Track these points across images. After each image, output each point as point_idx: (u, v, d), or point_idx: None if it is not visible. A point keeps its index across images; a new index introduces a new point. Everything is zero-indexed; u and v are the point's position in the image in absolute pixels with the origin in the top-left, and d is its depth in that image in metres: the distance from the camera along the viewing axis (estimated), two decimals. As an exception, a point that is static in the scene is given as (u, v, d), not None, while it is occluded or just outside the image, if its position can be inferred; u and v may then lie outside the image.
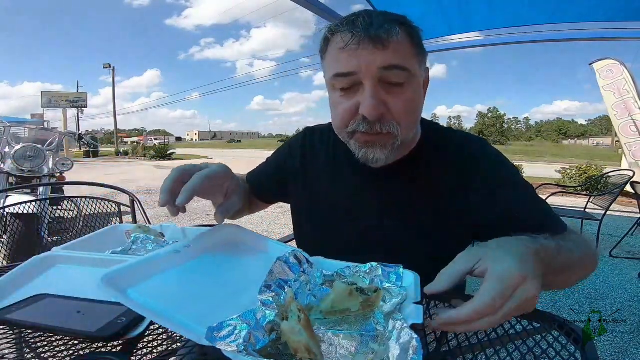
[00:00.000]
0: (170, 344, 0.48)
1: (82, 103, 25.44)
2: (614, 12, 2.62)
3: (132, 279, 0.45)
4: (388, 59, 0.58)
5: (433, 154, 0.71)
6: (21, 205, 1.57)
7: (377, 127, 0.61)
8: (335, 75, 0.62)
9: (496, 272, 0.41)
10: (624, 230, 3.54)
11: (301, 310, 0.39)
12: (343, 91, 0.63)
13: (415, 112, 0.65)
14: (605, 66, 7.22)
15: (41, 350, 0.45)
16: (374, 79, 0.59)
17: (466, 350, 0.48)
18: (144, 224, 0.82)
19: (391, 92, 0.61)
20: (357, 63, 0.59)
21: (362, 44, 0.58)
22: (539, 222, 0.62)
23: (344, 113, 0.63)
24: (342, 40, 0.60)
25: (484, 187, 0.67)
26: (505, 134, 79.77)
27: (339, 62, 0.61)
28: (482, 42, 3.78)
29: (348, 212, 0.75)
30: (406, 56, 0.60)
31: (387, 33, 0.58)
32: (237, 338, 0.37)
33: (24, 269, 0.61)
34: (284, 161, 0.87)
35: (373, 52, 0.58)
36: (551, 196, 3.46)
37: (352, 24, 0.59)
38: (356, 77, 0.60)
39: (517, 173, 0.70)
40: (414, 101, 0.64)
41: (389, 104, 0.61)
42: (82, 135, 3.85)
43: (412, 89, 0.62)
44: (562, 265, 0.53)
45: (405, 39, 0.60)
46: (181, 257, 0.53)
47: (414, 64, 0.62)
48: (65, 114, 23.88)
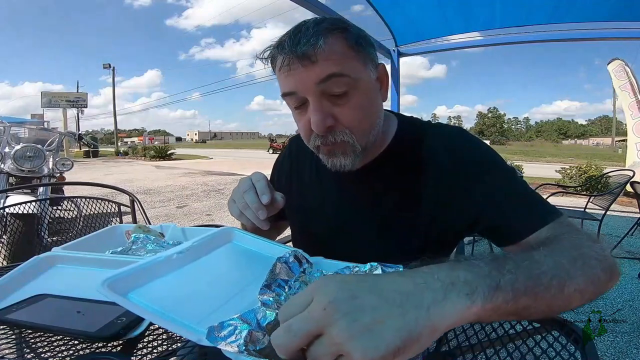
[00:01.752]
0: (170, 344, 0.48)
1: (82, 103, 25.45)
2: (615, 12, 2.62)
3: (133, 283, 0.45)
4: (321, 72, 0.58)
5: (409, 148, 0.69)
6: (21, 206, 1.57)
7: (329, 138, 0.62)
8: (282, 95, 0.64)
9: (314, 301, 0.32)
10: (624, 230, 3.54)
11: None
12: (297, 109, 0.64)
13: (368, 117, 0.64)
14: (618, 66, 7.27)
15: (41, 350, 0.45)
16: (315, 94, 0.59)
17: (466, 350, 0.48)
18: (144, 224, 0.82)
19: (336, 102, 0.60)
20: (293, 81, 0.60)
21: (292, 65, 0.58)
22: (521, 213, 0.59)
23: (303, 130, 0.65)
24: (279, 62, 0.61)
25: (464, 179, 0.64)
26: (505, 134, 79.80)
27: (281, 83, 0.63)
28: (482, 42, 3.78)
29: (336, 218, 0.75)
30: (341, 62, 0.59)
31: (312, 47, 0.57)
32: (237, 338, 0.37)
33: (24, 269, 0.61)
34: (277, 178, 0.90)
35: (304, 70, 0.58)
36: (551, 196, 3.46)
37: (281, 46, 0.60)
38: (299, 95, 0.61)
39: (498, 160, 0.66)
40: (363, 106, 0.62)
41: (337, 115, 0.61)
42: (82, 135, 3.85)
43: (358, 94, 0.61)
44: (534, 292, 0.37)
45: (337, 44, 0.59)
46: (181, 259, 0.53)
47: (355, 67, 0.60)
48: (65, 114, 23.90)
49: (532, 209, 0.59)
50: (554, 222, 0.56)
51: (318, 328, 0.30)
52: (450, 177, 0.64)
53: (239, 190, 0.68)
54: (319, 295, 0.32)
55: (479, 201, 0.62)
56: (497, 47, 9.45)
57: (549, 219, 0.56)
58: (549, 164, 16.96)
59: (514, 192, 0.62)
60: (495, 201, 0.61)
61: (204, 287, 0.51)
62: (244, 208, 0.66)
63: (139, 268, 0.48)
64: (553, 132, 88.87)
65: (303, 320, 0.31)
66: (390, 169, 0.70)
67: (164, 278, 0.49)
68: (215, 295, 0.48)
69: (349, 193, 0.74)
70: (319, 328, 0.30)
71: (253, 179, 0.68)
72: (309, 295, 0.33)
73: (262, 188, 0.65)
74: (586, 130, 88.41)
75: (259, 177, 0.68)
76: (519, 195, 0.62)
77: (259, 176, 0.68)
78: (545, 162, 19.31)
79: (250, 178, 0.68)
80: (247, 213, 0.65)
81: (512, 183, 0.63)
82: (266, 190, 0.65)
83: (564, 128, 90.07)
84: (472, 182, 0.63)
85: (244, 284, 0.51)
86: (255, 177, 0.68)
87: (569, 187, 5.61)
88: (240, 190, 0.68)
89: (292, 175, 0.85)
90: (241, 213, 0.66)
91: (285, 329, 0.32)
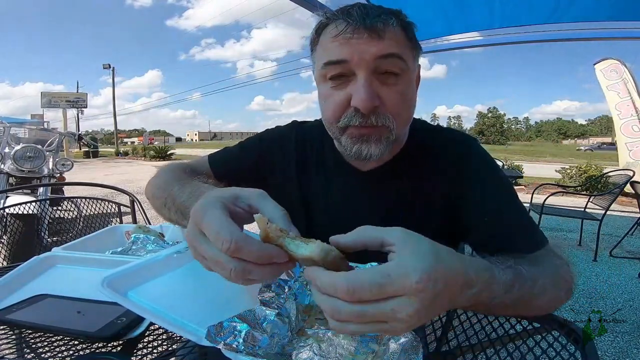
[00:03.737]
0: (170, 344, 0.48)
1: (81, 103, 25.44)
2: (615, 12, 2.62)
3: (132, 282, 0.45)
4: (384, 48, 0.57)
5: (421, 153, 0.69)
6: (21, 206, 1.57)
7: (371, 119, 0.58)
8: (326, 63, 0.59)
9: (398, 261, 0.32)
10: (624, 229, 3.54)
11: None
12: (334, 82, 0.60)
13: (409, 107, 0.63)
14: (609, 66, 7.26)
15: (41, 351, 0.45)
16: (368, 68, 0.57)
17: (466, 350, 0.48)
18: (144, 225, 0.82)
19: (385, 83, 0.58)
20: (350, 51, 0.57)
21: (357, 33, 0.56)
22: (515, 232, 0.60)
23: (335, 106, 0.60)
24: (336, 28, 0.58)
25: (470, 189, 0.65)
26: (505, 133, 79.80)
27: (331, 50, 0.59)
28: (482, 42, 3.78)
29: (340, 217, 0.72)
30: (402, 46, 0.59)
31: (383, 23, 0.56)
32: (237, 338, 0.37)
33: (24, 270, 0.61)
34: (269, 152, 0.77)
35: (368, 41, 0.56)
36: (551, 196, 3.46)
37: (347, 13, 0.58)
38: (348, 66, 0.57)
39: (503, 178, 0.68)
40: (408, 95, 0.61)
41: (383, 97, 0.58)
42: (82, 135, 3.85)
43: (406, 82, 0.61)
44: (512, 301, 0.43)
45: (401, 31, 0.60)
46: (181, 259, 0.53)
47: (409, 56, 0.61)
48: (65, 115, 23.88)
49: (535, 229, 0.62)
50: (545, 247, 0.60)
51: (395, 292, 0.31)
52: (461, 183, 0.65)
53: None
54: (421, 262, 0.32)
55: (486, 211, 0.63)
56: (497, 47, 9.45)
57: (538, 246, 0.59)
58: (549, 163, 16.96)
59: (519, 209, 0.64)
60: (502, 215, 0.62)
61: (204, 286, 0.51)
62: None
63: (139, 266, 0.48)
64: (553, 132, 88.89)
65: (395, 278, 0.31)
66: (402, 172, 0.69)
67: (164, 277, 0.49)
68: (215, 295, 0.48)
69: (356, 192, 0.72)
70: (396, 292, 0.31)
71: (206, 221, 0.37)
72: (408, 249, 0.33)
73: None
74: (586, 130, 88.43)
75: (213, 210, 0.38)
76: (517, 217, 0.63)
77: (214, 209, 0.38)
78: (545, 162, 19.30)
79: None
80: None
81: (515, 197, 0.65)
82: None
83: (563, 128, 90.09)
84: (480, 189, 0.64)
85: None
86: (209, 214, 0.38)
87: (569, 187, 5.60)
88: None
89: (296, 162, 0.76)
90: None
91: (378, 274, 0.31)
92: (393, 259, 0.33)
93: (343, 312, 0.31)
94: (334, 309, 0.31)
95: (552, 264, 0.54)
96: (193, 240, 0.38)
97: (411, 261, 0.32)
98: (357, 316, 0.31)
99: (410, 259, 0.32)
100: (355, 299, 0.30)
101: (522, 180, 7.73)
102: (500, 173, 0.68)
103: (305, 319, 0.46)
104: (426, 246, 0.34)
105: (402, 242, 0.34)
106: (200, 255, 0.38)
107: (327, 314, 0.32)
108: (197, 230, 0.38)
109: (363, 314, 0.31)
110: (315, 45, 0.64)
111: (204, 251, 0.37)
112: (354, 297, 0.30)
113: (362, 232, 0.36)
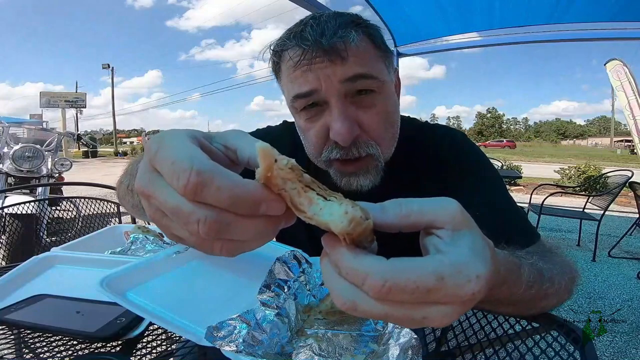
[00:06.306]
0: (169, 344, 0.48)
1: (80, 103, 25.43)
2: (614, 12, 2.62)
3: (131, 281, 0.45)
4: (349, 70, 0.50)
5: (411, 152, 0.66)
6: (20, 206, 1.57)
7: (353, 152, 0.54)
8: (295, 97, 0.54)
9: (454, 260, 0.23)
10: (622, 230, 3.54)
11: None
12: (307, 113, 0.55)
13: (392, 125, 0.58)
14: (615, 67, 7.31)
15: (40, 351, 0.45)
16: (339, 94, 0.51)
17: (466, 350, 0.48)
18: (143, 225, 0.82)
19: (362, 106, 0.53)
20: (315, 78, 0.51)
21: (316, 57, 0.50)
22: (510, 227, 0.57)
23: (315, 140, 0.56)
24: (292, 57, 0.52)
25: (462, 185, 0.62)
26: (504, 134, 79.92)
27: (296, 81, 0.53)
28: (481, 42, 3.79)
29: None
30: (370, 62, 0.53)
31: (343, 40, 0.50)
32: (236, 338, 0.37)
33: (23, 270, 0.61)
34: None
35: (330, 65, 0.50)
36: (550, 196, 3.47)
37: (300, 37, 0.51)
38: (318, 95, 0.52)
39: (494, 172, 0.66)
40: (388, 113, 0.56)
41: (363, 122, 0.53)
42: (81, 135, 3.85)
43: (384, 97, 0.55)
44: (524, 299, 0.41)
45: (365, 41, 0.53)
46: (180, 259, 0.53)
47: (381, 69, 0.55)
48: (64, 114, 23.87)
49: (527, 223, 0.61)
50: (539, 241, 0.58)
51: (440, 299, 0.23)
52: (454, 179, 0.63)
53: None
54: (482, 266, 0.23)
55: (480, 204, 0.62)
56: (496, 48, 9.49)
57: (533, 239, 0.57)
58: (548, 164, 16.99)
59: (510, 203, 0.62)
60: (495, 208, 0.60)
61: (203, 286, 0.51)
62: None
63: (138, 266, 0.48)
64: (552, 133, 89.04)
65: (448, 283, 0.22)
66: (396, 172, 0.66)
67: (163, 277, 0.49)
68: (215, 295, 0.48)
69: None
70: (441, 299, 0.23)
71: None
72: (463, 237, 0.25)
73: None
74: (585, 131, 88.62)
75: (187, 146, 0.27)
76: (510, 211, 0.62)
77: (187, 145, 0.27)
78: (544, 163, 19.33)
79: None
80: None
81: (505, 190, 0.64)
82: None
83: (562, 128, 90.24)
84: (474, 184, 0.62)
85: (243, 284, 0.51)
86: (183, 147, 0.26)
87: (568, 187, 5.61)
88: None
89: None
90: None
91: (428, 274, 0.22)
92: (443, 251, 0.24)
93: (361, 308, 0.23)
94: (353, 304, 0.23)
95: (566, 263, 0.52)
96: (145, 186, 0.25)
97: (472, 263, 0.23)
98: (378, 316, 0.23)
99: (469, 258, 0.24)
100: (387, 298, 0.22)
101: (521, 181, 7.75)
102: (489, 166, 0.66)
103: (304, 319, 0.46)
104: (481, 240, 0.26)
105: (457, 227, 0.25)
106: (158, 212, 0.25)
107: (339, 303, 0.24)
108: (150, 168, 0.25)
109: (386, 316, 0.23)
110: (279, 72, 0.58)
111: (160, 199, 0.24)
112: (386, 296, 0.22)
113: (406, 207, 0.27)
